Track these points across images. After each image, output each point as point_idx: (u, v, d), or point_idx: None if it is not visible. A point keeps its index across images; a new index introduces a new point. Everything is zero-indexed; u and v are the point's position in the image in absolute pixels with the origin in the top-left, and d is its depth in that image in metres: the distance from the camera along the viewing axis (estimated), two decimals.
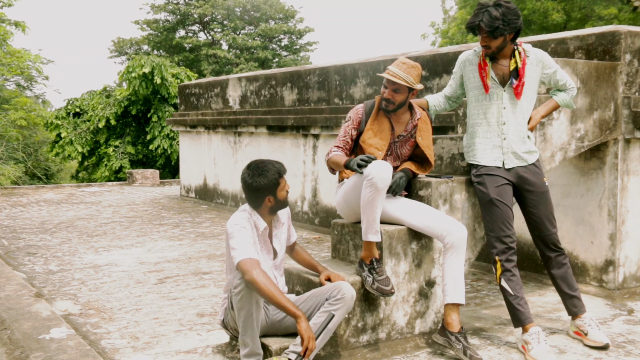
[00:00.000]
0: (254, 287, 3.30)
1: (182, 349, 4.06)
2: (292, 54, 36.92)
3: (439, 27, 31.14)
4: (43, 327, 4.29)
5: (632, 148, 5.27)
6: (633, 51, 5.14)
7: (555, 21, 22.23)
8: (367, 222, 3.76)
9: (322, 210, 8.61)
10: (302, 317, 3.30)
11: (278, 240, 3.78)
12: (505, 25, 3.88)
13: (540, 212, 4.16)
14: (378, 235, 3.79)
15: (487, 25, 3.89)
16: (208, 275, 6.07)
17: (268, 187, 3.57)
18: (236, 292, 3.39)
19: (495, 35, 3.92)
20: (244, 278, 3.34)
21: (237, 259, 3.38)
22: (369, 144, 4.05)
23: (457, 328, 3.83)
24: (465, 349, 3.75)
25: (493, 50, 4.00)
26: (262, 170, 3.59)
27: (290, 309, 3.30)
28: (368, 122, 4.08)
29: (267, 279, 3.32)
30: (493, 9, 3.89)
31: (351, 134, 4.09)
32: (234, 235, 3.48)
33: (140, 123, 19.39)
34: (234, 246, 3.44)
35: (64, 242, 7.81)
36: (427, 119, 4.20)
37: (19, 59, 20.61)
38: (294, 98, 9.19)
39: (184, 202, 11.99)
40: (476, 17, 3.94)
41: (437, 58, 6.69)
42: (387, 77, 3.94)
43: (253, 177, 3.58)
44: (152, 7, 35.22)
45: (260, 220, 3.64)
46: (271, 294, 3.28)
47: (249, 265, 3.33)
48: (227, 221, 3.61)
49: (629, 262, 5.30)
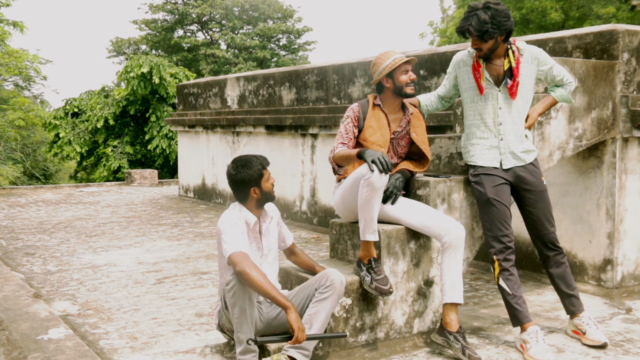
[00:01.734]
0: (244, 278, 3.32)
1: (181, 349, 4.06)
2: (291, 53, 36.93)
3: (437, 27, 31.15)
4: (41, 327, 4.29)
5: (630, 147, 5.27)
6: (631, 50, 5.14)
7: (554, 20, 22.24)
8: (365, 221, 3.76)
9: (321, 210, 8.61)
10: (291, 308, 3.33)
11: (267, 236, 3.80)
12: (494, 28, 3.87)
13: (539, 211, 4.16)
14: (375, 234, 3.79)
15: (476, 29, 3.89)
16: (206, 275, 6.07)
17: (252, 179, 3.66)
18: (229, 288, 3.41)
19: (485, 39, 3.91)
20: (234, 270, 3.37)
21: (228, 252, 3.43)
22: (372, 142, 4.04)
23: (455, 328, 3.83)
24: (464, 348, 3.75)
25: (485, 52, 4.00)
26: (245, 162, 3.70)
27: (280, 300, 3.33)
28: (366, 119, 4.08)
29: (258, 271, 3.35)
30: (482, 12, 3.87)
31: (353, 131, 4.08)
32: (225, 231, 3.53)
33: (139, 123, 19.38)
34: (225, 240, 3.50)
35: (62, 242, 7.81)
36: (420, 115, 4.23)
37: (17, 59, 20.58)
38: (292, 97, 9.19)
39: (182, 202, 11.99)
40: (466, 20, 3.95)
41: (436, 57, 6.68)
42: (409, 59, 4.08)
43: (237, 169, 3.69)
44: (151, 7, 35.21)
45: (250, 215, 3.68)
46: (261, 285, 3.31)
47: (239, 258, 3.38)
48: None
49: (627, 260, 5.30)
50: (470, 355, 3.71)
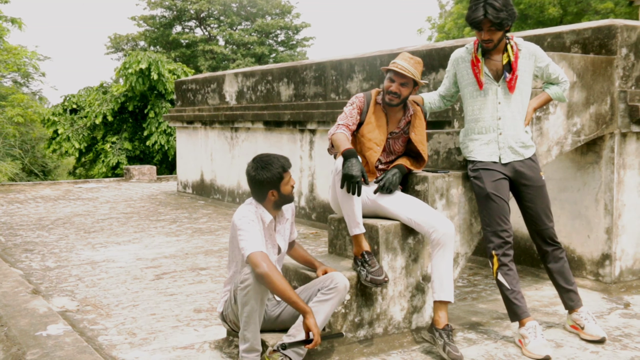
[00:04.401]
0: (265, 280, 3.29)
1: (180, 344, 4.06)
2: (289, 49, 36.88)
3: (436, 22, 31.14)
4: (40, 323, 4.29)
5: (629, 142, 5.27)
6: (629, 45, 5.14)
7: (552, 15, 22.24)
8: (348, 216, 3.77)
9: (319, 206, 8.61)
10: (310, 313, 3.34)
11: (281, 236, 3.79)
12: (509, 16, 3.87)
13: (537, 206, 4.16)
14: (360, 227, 3.78)
15: (495, 17, 3.81)
16: (205, 271, 6.07)
17: (271, 181, 3.58)
18: (242, 286, 3.38)
19: (502, 27, 3.88)
20: (255, 271, 3.32)
21: (247, 252, 3.38)
22: (369, 138, 4.02)
23: (442, 325, 3.83)
24: (445, 345, 3.72)
25: (495, 43, 3.96)
26: (265, 163, 3.60)
27: (300, 304, 3.33)
28: (368, 113, 4.05)
29: (279, 274, 3.34)
30: (494, 1, 3.84)
31: (356, 117, 4.04)
32: (243, 227, 3.47)
33: (137, 119, 19.36)
34: (243, 239, 3.43)
35: (61, 238, 7.80)
36: (421, 114, 4.18)
37: (15, 56, 20.53)
38: (290, 93, 9.18)
39: (181, 197, 11.98)
40: (478, 11, 3.86)
41: (434, 53, 6.68)
42: (397, 70, 3.92)
43: (257, 170, 3.60)
44: (149, 3, 35.13)
45: (266, 214, 3.63)
46: (283, 289, 3.30)
47: (260, 259, 3.33)
48: (224, 217, 3.62)
49: (626, 255, 5.31)
50: (449, 352, 3.68)
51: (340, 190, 3.73)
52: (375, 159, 4.04)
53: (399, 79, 3.95)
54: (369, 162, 4.04)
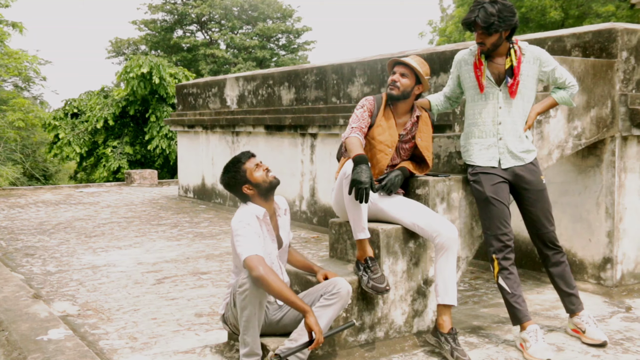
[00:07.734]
0: (262, 283, 3.30)
1: (181, 349, 4.06)
2: (290, 53, 36.94)
3: (437, 26, 31.17)
4: (41, 328, 4.29)
5: (629, 145, 5.27)
6: (630, 48, 5.14)
7: (553, 19, 22.26)
8: (353, 220, 3.77)
9: (320, 210, 8.61)
10: (310, 312, 3.34)
11: (283, 229, 3.82)
12: (500, 22, 3.88)
13: (538, 210, 4.16)
14: (366, 232, 3.78)
15: (483, 21, 3.88)
16: (206, 275, 6.07)
17: (236, 178, 3.69)
18: (241, 290, 3.39)
19: (490, 32, 3.91)
20: (251, 274, 3.34)
21: (243, 256, 3.39)
22: (379, 141, 4.02)
23: (447, 329, 3.82)
24: (452, 350, 3.73)
25: (488, 47, 3.99)
26: (225, 168, 3.76)
27: (299, 304, 3.34)
28: (377, 116, 4.06)
29: (275, 275, 3.34)
30: (489, 6, 3.88)
31: (367, 120, 4.04)
32: (239, 232, 3.50)
33: (139, 123, 19.37)
34: (239, 244, 3.46)
35: (62, 243, 7.81)
36: (428, 120, 4.18)
37: (16, 60, 20.57)
38: (291, 97, 9.19)
39: (182, 202, 11.99)
40: (472, 13, 3.94)
41: (435, 56, 6.68)
42: (397, 59, 4.01)
43: (222, 177, 3.77)
44: (150, 7, 35.22)
45: (258, 209, 3.67)
46: (280, 290, 3.31)
47: (255, 262, 3.34)
48: (225, 221, 3.63)
49: (627, 259, 5.30)
50: (457, 357, 3.69)
51: (347, 195, 3.74)
52: (386, 163, 4.04)
53: (399, 69, 4.04)
54: (379, 164, 4.04)
